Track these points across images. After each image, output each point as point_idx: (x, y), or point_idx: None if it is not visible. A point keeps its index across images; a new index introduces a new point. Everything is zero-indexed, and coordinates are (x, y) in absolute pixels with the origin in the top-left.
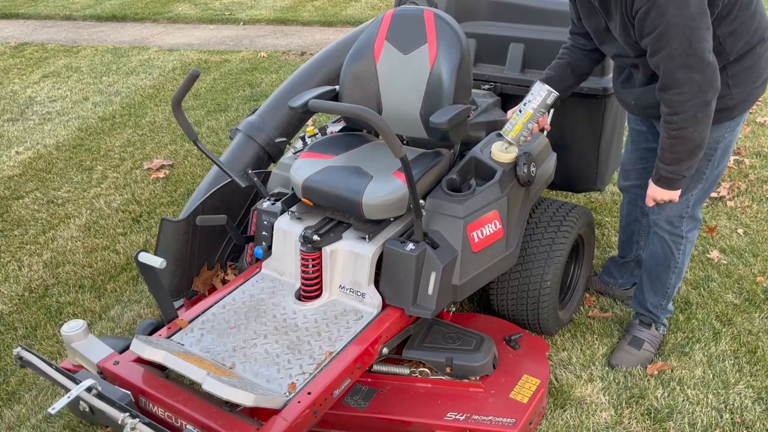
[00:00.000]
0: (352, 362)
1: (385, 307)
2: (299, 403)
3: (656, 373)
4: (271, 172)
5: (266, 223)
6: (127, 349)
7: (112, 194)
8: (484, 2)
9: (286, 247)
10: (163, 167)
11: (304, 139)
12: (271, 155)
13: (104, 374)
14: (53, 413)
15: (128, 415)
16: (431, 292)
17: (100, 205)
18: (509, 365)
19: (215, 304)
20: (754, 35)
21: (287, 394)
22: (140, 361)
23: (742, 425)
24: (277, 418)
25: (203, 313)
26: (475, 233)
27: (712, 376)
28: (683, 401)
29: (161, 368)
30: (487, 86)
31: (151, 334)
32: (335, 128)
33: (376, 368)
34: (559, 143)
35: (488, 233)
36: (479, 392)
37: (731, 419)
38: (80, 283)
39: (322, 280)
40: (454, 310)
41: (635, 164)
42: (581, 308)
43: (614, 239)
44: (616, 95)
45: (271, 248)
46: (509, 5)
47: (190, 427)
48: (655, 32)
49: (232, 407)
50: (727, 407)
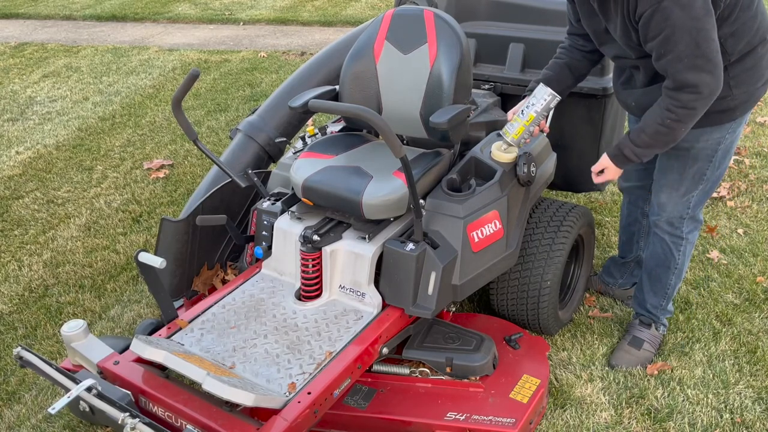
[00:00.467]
0: (352, 362)
1: (385, 307)
2: (299, 403)
3: (656, 373)
4: (271, 172)
5: (266, 223)
6: (127, 349)
7: (112, 194)
8: (484, 2)
9: (286, 247)
10: (163, 167)
11: (304, 139)
12: (271, 155)
13: (104, 374)
14: (53, 413)
15: (128, 415)
16: (431, 292)
17: (100, 205)
18: (509, 365)
19: (215, 304)
20: (755, 36)
21: (287, 394)
22: (140, 361)
23: (742, 425)
24: (277, 418)
25: (203, 313)
26: (475, 233)
27: (712, 376)
28: (683, 401)
29: (161, 368)
30: (487, 86)
31: (151, 334)
32: (335, 128)
33: (376, 368)
34: (559, 143)
35: (488, 233)
36: (479, 392)
37: (731, 419)
38: (80, 283)
39: (322, 280)
40: (454, 310)
41: (636, 166)
42: (581, 308)
43: (614, 239)
44: (616, 96)
45: (271, 248)
46: (509, 5)
47: (190, 427)
48: (660, 36)
49: (232, 407)
50: (727, 407)
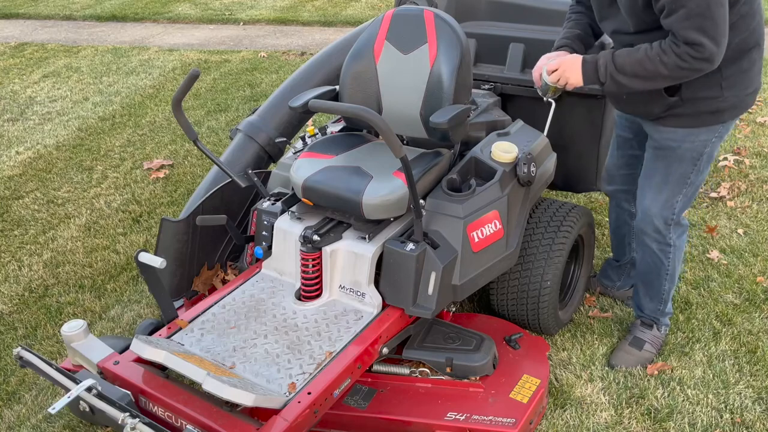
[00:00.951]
0: (352, 362)
1: (385, 307)
2: (299, 403)
3: (656, 373)
4: (271, 172)
5: (266, 223)
6: (127, 349)
7: (112, 194)
8: (484, 2)
9: (286, 247)
10: (163, 167)
11: (304, 139)
12: (271, 155)
13: (104, 374)
14: (53, 413)
15: (128, 415)
16: (431, 292)
17: (100, 205)
18: (509, 365)
19: (215, 304)
20: (751, 36)
21: (287, 394)
22: (140, 361)
23: (742, 425)
24: (277, 418)
25: (203, 313)
26: (475, 233)
27: (712, 376)
28: (683, 401)
29: (161, 368)
30: (487, 86)
31: (151, 334)
32: (335, 128)
33: (376, 368)
34: (559, 143)
35: (488, 233)
36: (479, 392)
37: (731, 419)
38: (80, 283)
39: (322, 280)
40: (454, 310)
41: (620, 169)
42: (581, 308)
43: None
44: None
45: (271, 248)
46: (509, 5)
47: (190, 427)
48: None
49: (232, 407)
50: (727, 407)
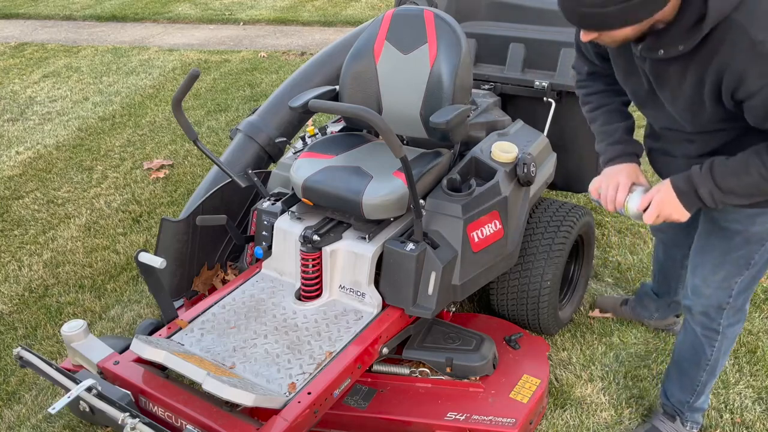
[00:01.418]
0: (352, 362)
1: (385, 307)
2: (299, 403)
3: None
4: (271, 172)
5: (266, 223)
6: (127, 349)
7: (112, 194)
8: (484, 2)
9: (286, 247)
10: (163, 167)
11: (304, 139)
12: (271, 155)
13: (104, 374)
14: (53, 413)
15: (128, 415)
16: (431, 292)
17: (100, 205)
18: (509, 365)
19: (215, 304)
20: None
21: (287, 394)
22: (140, 361)
23: (742, 425)
24: (277, 418)
25: (203, 313)
26: (475, 233)
27: None
28: None
29: (161, 368)
30: (487, 86)
31: (151, 334)
32: (335, 128)
33: (376, 368)
34: (559, 143)
35: (488, 233)
36: (479, 392)
37: (731, 419)
38: (80, 283)
39: (322, 280)
40: (454, 310)
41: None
42: (581, 308)
43: (614, 239)
44: (650, 161)
45: (271, 248)
46: (509, 5)
47: (190, 427)
48: None
49: (232, 407)
50: (727, 407)
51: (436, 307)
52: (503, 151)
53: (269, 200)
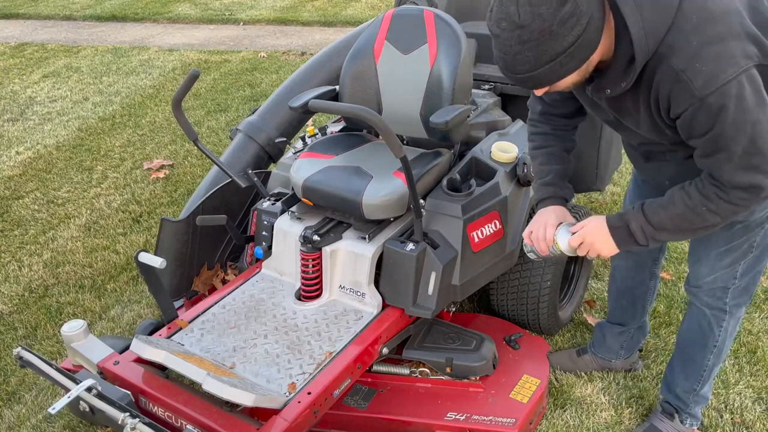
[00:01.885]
0: (352, 362)
1: (385, 307)
2: (299, 403)
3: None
4: (271, 172)
5: (266, 223)
6: (127, 349)
7: (112, 194)
8: (484, 2)
9: (286, 247)
10: (163, 167)
11: (304, 139)
12: (271, 155)
13: (104, 374)
14: (53, 413)
15: (128, 415)
16: (431, 292)
17: (100, 205)
18: (509, 365)
19: (215, 304)
20: None
21: (287, 394)
22: (140, 361)
23: (742, 425)
24: (277, 418)
25: (203, 313)
26: (475, 233)
27: None
28: None
29: (161, 368)
30: (487, 86)
31: (151, 334)
32: (335, 128)
33: (376, 368)
34: None
35: (488, 233)
36: (479, 392)
37: (731, 419)
38: (80, 283)
39: (322, 280)
40: (454, 310)
41: None
42: (581, 308)
43: None
44: (637, 169)
45: (271, 248)
46: None
47: (190, 427)
48: (707, 135)
49: (232, 407)
50: (727, 407)
51: (436, 307)
52: (503, 151)
53: (269, 200)
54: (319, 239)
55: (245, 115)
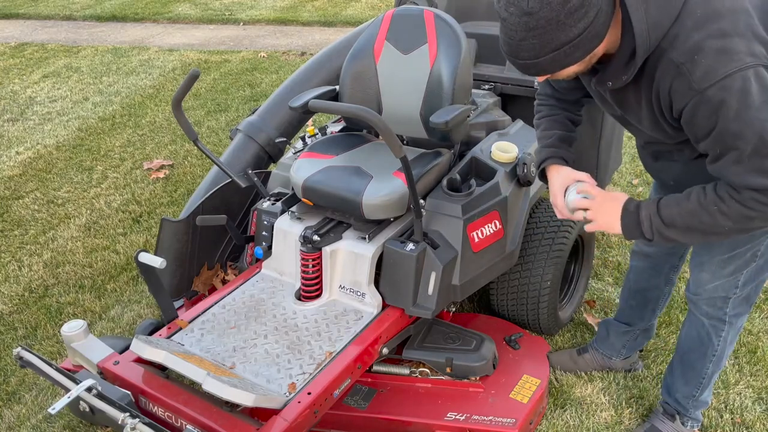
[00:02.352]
0: (352, 362)
1: (385, 307)
2: (299, 403)
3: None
4: (271, 172)
5: (266, 223)
6: (127, 349)
7: (112, 194)
8: (484, 2)
9: (286, 247)
10: (163, 167)
11: (304, 139)
12: (271, 155)
13: (104, 374)
14: (53, 413)
15: (128, 415)
16: (431, 292)
17: (100, 205)
18: (509, 365)
19: (215, 304)
20: None
21: (287, 394)
22: (140, 361)
23: (742, 425)
24: (277, 418)
25: (203, 313)
26: (475, 233)
27: None
28: None
29: (161, 368)
30: (487, 86)
31: (151, 334)
32: (335, 128)
33: (376, 368)
34: None
35: (488, 233)
36: (479, 392)
37: (731, 419)
38: (80, 283)
39: (322, 280)
40: (454, 310)
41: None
42: (581, 308)
43: (614, 239)
44: (644, 166)
45: (271, 248)
46: None
47: (190, 427)
48: (712, 133)
49: (232, 407)
50: (727, 407)
51: (436, 307)
52: (503, 151)
53: (269, 200)
54: (319, 239)
55: (245, 115)
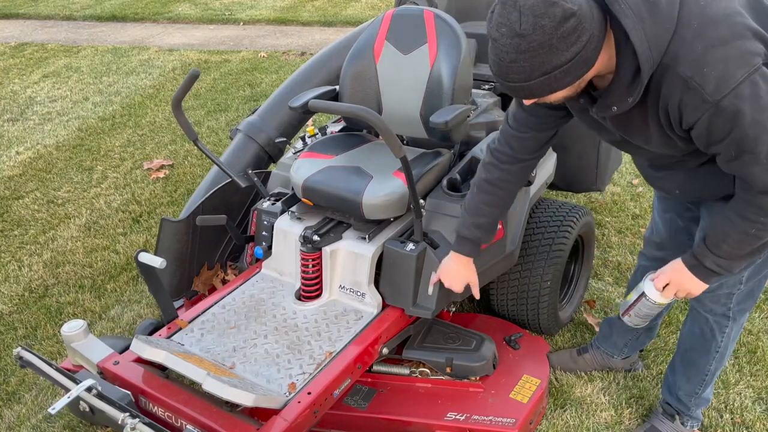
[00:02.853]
0: (352, 362)
1: (385, 307)
2: (299, 403)
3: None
4: (271, 172)
5: (266, 223)
6: (127, 349)
7: (112, 194)
8: (484, 2)
9: (286, 247)
10: (163, 167)
11: (304, 139)
12: (271, 155)
13: (104, 374)
14: (53, 413)
15: (128, 415)
16: (431, 292)
17: (100, 205)
18: (509, 365)
19: (215, 304)
20: None
21: (287, 394)
22: (140, 361)
23: (742, 425)
24: (277, 418)
25: (203, 313)
26: None
27: None
28: None
29: (161, 368)
30: (487, 86)
31: (151, 334)
32: (335, 128)
33: (376, 368)
34: (559, 143)
35: None
36: (479, 392)
37: (731, 419)
38: (80, 283)
39: (322, 280)
40: (454, 310)
41: (676, 236)
42: (581, 308)
43: (614, 239)
44: (645, 178)
45: (271, 248)
46: None
47: (190, 427)
48: (727, 139)
49: (232, 407)
50: (727, 407)
51: (436, 307)
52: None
53: (269, 200)
54: (319, 239)
55: (245, 115)
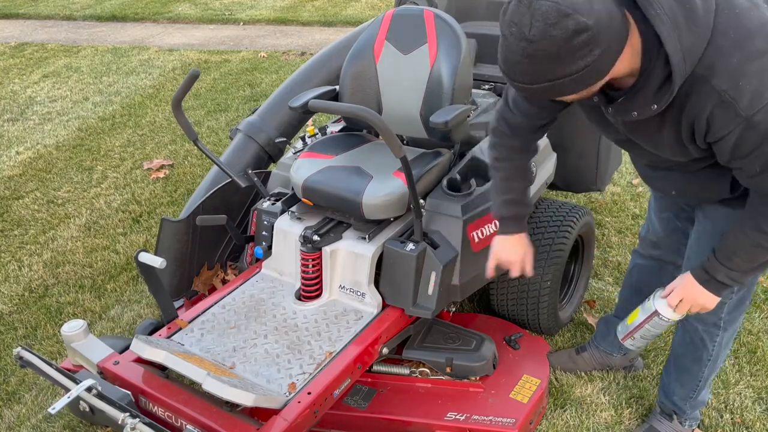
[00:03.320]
0: (352, 362)
1: (385, 307)
2: (299, 403)
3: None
4: (271, 172)
5: (266, 223)
6: (127, 349)
7: (112, 194)
8: (484, 2)
9: (286, 247)
10: (163, 167)
11: (304, 139)
12: (271, 155)
13: (104, 374)
14: (53, 413)
15: (128, 415)
16: (431, 292)
17: (100, 205)
18: (509, 365)
19: (215, 304)
20: None
21: (287, 394)
22: (140, 361)
23: (742, 425)
24: (277, 418)
25: (203, 313)
26: (475, 233)
27: None
28: None
29: (161, 368)
30: (487, 86)
31: (151, 334)
32: (335, 128)
33: (376, 368)
34: (559, 143)
35: (488, 233)
36: (479, 392)
37: (731, 419)
38: (80, 283)
39: (322, 280)
40: (454, 310)
41: (671, 235)
42: (581, 308)
43: (614, 239)
44: (642, 178)
45: (271, 248)
46: None
47: (190, 427)
48: (753, 153)
49: (232, 407)
50: (727, 407)
51: (436, 307)
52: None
53: (269, 200)
54: (319, 239)
55: (245, 115)
